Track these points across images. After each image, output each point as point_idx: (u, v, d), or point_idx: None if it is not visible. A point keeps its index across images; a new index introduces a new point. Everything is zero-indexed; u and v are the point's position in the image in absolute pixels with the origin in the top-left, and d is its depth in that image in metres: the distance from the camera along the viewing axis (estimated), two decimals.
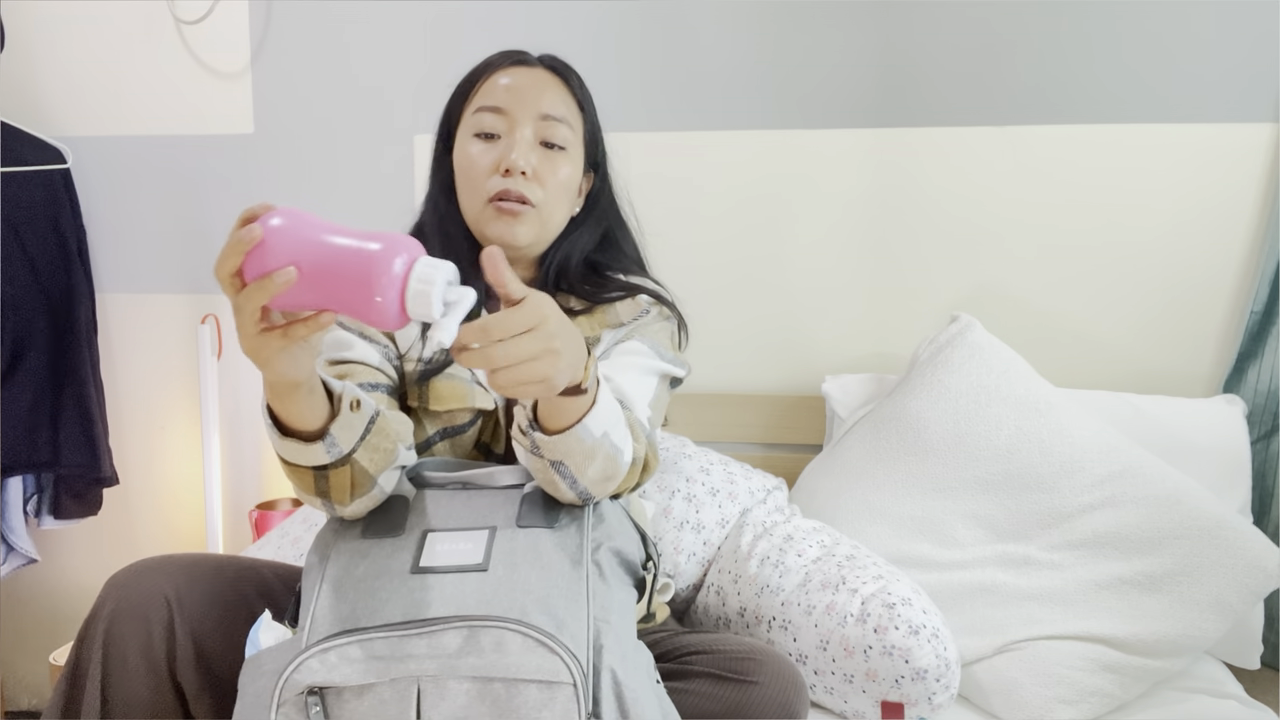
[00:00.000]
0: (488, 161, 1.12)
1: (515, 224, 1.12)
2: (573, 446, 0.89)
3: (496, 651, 0.82)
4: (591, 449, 0.90)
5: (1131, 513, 1.35)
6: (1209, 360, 1.68)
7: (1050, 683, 1.28)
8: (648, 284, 1.22)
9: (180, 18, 1.93)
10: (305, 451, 0.88)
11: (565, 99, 1.16)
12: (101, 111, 1.98)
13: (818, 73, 1.74)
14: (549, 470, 0.92)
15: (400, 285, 0.72)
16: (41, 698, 2.18)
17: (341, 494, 0.93)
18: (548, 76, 1.16)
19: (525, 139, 1.12)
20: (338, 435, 0.88)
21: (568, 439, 0.88)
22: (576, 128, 1.16)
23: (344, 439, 0.89)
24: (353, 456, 0.91)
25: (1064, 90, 1.67)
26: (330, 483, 0.92)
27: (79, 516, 1.99)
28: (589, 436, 0.89)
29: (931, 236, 1.74)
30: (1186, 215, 1.65)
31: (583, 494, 0.96)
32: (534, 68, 1.17)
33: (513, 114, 1.12)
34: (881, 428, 1.50)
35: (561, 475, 0.92)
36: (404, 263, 0.73)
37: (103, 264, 2.03)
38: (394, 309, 0.73)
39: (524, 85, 1.14)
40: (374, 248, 0.73)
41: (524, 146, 1.11)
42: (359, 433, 0.91)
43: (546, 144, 1.13)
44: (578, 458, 0.90)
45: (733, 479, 1.53)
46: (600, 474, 0.94)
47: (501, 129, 1.13)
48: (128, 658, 0.95)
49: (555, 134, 1.13)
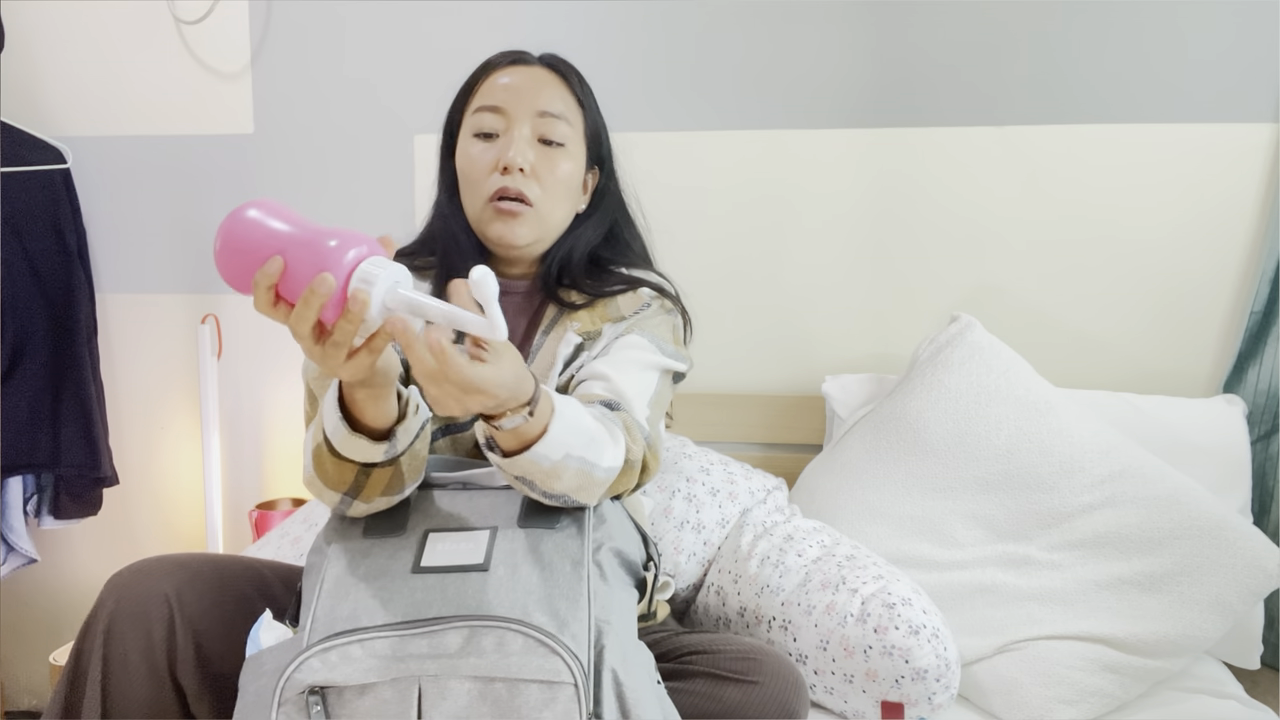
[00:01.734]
0: (487, 160, 1.12)
1: (514, 224, 1.12)
2: (529, 468, 0.89)
3: (498, 651, 0.82)
4: (553, 469, 0.90)
5: (1131, 513, 1.35)
6: (1209, 360, 1.68)
7: (1050, 683, 1.28)
8: (650, 276, 1.22)
9: (180, 18, 1.93)
10: (368, 449, 0.88)
11: (564, 96, 1.16)
12: (101, 111, 1.98)
13: (818, 73, 1.74)
14: (517, 483, 0.93)
15: (344, 280, 0.76)
16: (41, 698, 2.18)
17: (372, 492, 0.93)
18: (546, 74, 1.17)
19: (523, 136, 1.12)
20: (399, 436, 0.89)
21: (521, 462, 0.88)
22: (576, 124, 1.16)
23: (402, 440, 0.90)
24: (400, 458, 0.91)
25: (1064, 90, 1.67)
26: (370, 479, 0.92)
27: (79, 516, 1.99)
28: (544, 460, 0.88)
29: (932, 236, 1.74)
30: (1186, 215, 1.65)
31: (564, 502, 0.95)
32: (532, 66, 1.17)
33: (510, 112, 1.12)
34: (881, 428, 1.50)
35: (529, 488, 0.92)
36: (353, 258, 0.76)
37: (103, 264, 2.03)
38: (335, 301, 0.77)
39: (522, 84, 1.14)
40: (330, 244, 0.77)
41: (521, 144, 1.11)
42: (413, 434, 0.92)
43: (545, 141, 1.13)
44: (539, 476, 0.90)
45: (733, 479, 1.53)
46: (573, 486, 0.93)
47: (500, 128, 1.13)
48: (128, 658, 0.95)
49: (554, 131, 1.13)
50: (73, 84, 1.98)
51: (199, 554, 1.06)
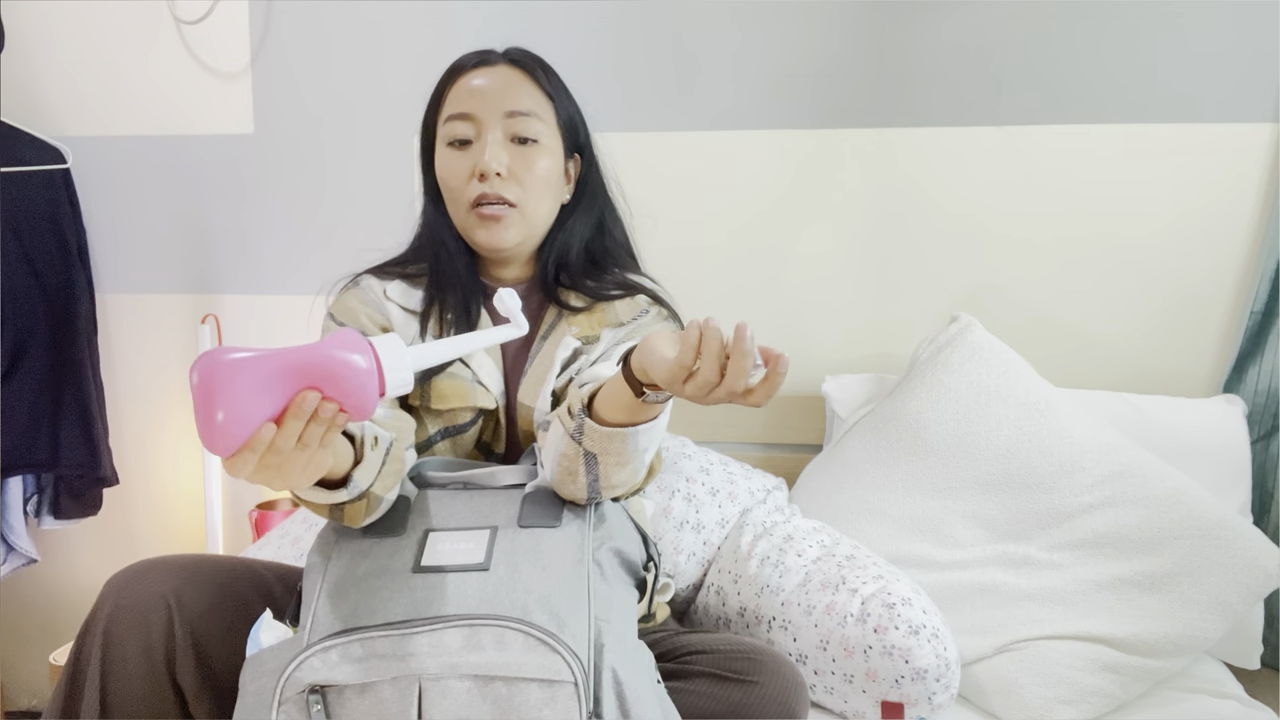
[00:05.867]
0: (463, 169, 1.13)
1: (498, 228, 1.12)
2: (613, 447, 0.90)
3: (498, 650, 0.82)
4: (628, 458, 0.92)
5: (1131, 513, 1.35)
6: (1209, 360, 1.68)
7: (1050, 683, 1.28)
8: (646, 283, 1.22)
9: (180, 18, 1.93)
10: (329, 496, 0.89)
11: (531, 92, 1.16)
12: (101, 111, 1.98)
13: (818, 72, 1.73)
14: (576, 459, 0.93)
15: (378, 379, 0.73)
16: (41, 698, 2.18)
17: (354, 519, 0.95)
18: (512, 72, 1.16)
19: (495, 140, 1.12)
20: (359, 477, 0.90)
21: (614, 437, 0.89)
22: (548, 118, 1.16)
23: (364, 478, 0.90)
24: (369, 490, 0.92)
25: (1064, 90, 1.67)
26: (345, 512, 0.93)
27: (79, 516, 1.99)
28: (633, 445, 0.90)
29: (932, 236, 1.74)
30: (1186, 215, 1.65)
31: (591, 492, 0.96)
32: (497, 66, 1.16)
33: (480, 118, 1.13)
34: (881, 428, 1.50)
35: (587, 467, 0.93)
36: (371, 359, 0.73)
37: (103, 264, 2.03)
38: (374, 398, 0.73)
39: (488, 87, 1.14)
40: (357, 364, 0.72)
41: (495, 148, 1.11)
42: (376, 468, 0.92)
43: (519, 139, 1.13)
44: (612, 459, 0.91)
45: (733, 479, 1.53)
46: (620, 481, 0.95)
47: (472, 134, 1.13)
48: (128, 658, 0.95)
49: (526, 128, 1.13)
50: (73, 84, 1.98)
51: (198, 555, 1.06)
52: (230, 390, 0.68)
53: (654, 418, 0.90)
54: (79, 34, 1.97)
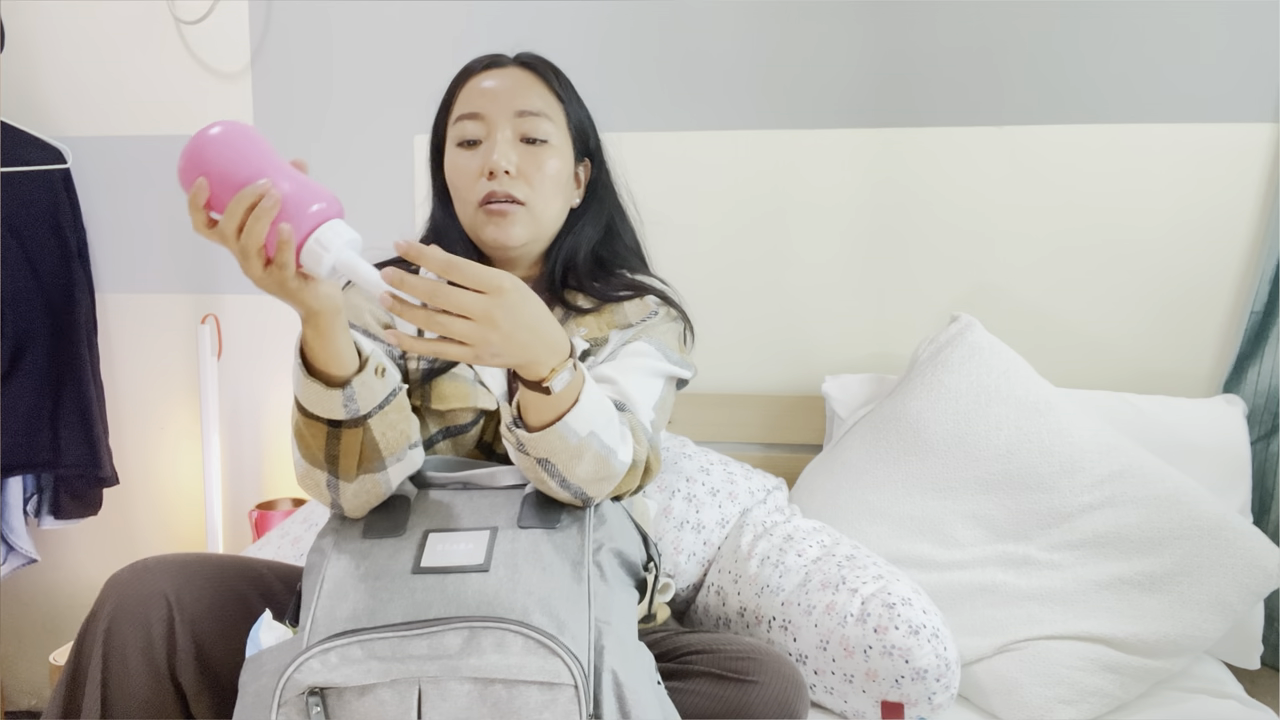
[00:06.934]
0: (473, 168, 1.13)
1: (507, 225, 1.12)
2: (555, 444, 0.89)
3: (498, 652, 0.82)
4: (577, 448, 0.90)
5: (1131, 513, 1.35)
6: (1209, 360, 1.68)
7: (1050, 683, 1.28)
8: (655, 284, 1.22)
9: (180, 18, 1.93)
10: (325, 398, 0.89)
11: (542, 93, 1.16)
12: (101, 111, 1.98)
13: (818, 73, 1.73)
14: (537, 468, 0.93)
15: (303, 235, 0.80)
16: (41, 698, 2.18)
17: (350, 461, 0.93)
18: (522, 74, 1.17)
19: (505, 139, 1.12)
20: (358, 391, 0.90)
21: (549, 436, 0.89)
22: (558, 120, 1.16)
23: (364, 398, 0.90)
24: (368, 421, 0.91)
25: (1064, 90, 1.67)
26: (341, 445, 0.92)
27: (79, 516, 1.99)
28: (572, 435, 0.89)
29: (931, 236, 1.74)
30: (1186, 215, 1.65)
31: (576, 493, 0.96)
32: (508, 68, 1.17)
33: (490, 117, 1.13)
34: (881, 428, 1.50)
35: (549, 474, 0.92)
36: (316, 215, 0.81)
37: (103, 264, 2.03)
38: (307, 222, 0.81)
39: (498, 87, 1.14)
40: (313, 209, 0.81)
41: (504, 146, 1.12)
42: (379, 399, 0.92)
43: (529, 140, 1.14)
44: (563, 456, 0.91)
45: (733, 479, 1.53)
46: (590, 474, 0.94)
47: (482, 134, 1.13)
48: (128, 658, 0.95)
49: (535, 129, 1.14)
50: (72, 84, 1.98)
51: (199, 554, 1.05)
52: (209, 153, 0.81)
53: (575, 401, 0.89)
54: (79, 34, 1.97)
